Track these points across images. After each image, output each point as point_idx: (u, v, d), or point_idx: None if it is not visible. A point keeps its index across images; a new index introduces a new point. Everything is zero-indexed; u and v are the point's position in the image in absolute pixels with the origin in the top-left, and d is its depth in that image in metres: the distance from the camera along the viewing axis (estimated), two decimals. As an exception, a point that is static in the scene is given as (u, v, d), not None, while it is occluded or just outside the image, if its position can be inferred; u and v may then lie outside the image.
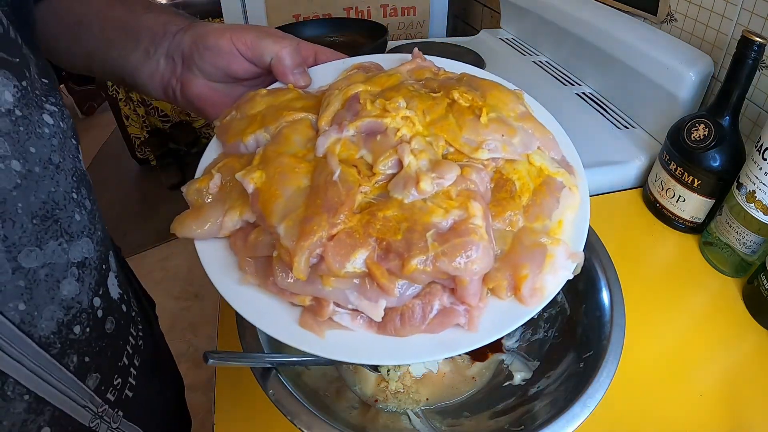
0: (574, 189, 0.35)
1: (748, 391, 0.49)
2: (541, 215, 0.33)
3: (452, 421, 0.45)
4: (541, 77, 0.99)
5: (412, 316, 0.29)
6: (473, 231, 0.29)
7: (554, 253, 0.31)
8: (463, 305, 0.30)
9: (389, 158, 0.32)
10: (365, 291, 0.29)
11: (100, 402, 0.35)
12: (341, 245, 0.28)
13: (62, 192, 0.31)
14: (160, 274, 1.90)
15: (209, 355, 0.34)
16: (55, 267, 0.30)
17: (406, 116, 0.34)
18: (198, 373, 1.48)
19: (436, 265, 0.28)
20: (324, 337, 0.30)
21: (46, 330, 0.30)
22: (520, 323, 0.30)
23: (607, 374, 0.38)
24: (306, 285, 0.29)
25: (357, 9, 1.27)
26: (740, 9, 0.66)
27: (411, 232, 0.29)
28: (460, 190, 0.31)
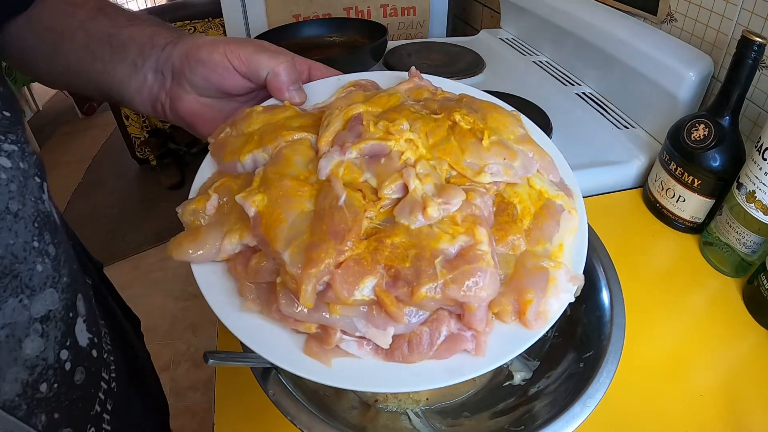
0: (573, 212, 0.35)
1: (748, 391, 0.49)
2: (543, 238, 0.33)
3: (452, 421, 0.45)
4: (541, 77, 0.99)
5: (420, 343, 0.29)
6: (481, 257, 0.29)
7: (556, 277, 0.32)
8: (470, 331, 0.30)
9: (394, 182, 0.31)
10: (373, 318, 0.29)
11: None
12: (350, 272, 0.28)
13: (21, 243, 0.28)
14: (160, 274, 1.90)
15: (209, 355, 0.34)
16: (16, 326, 0.28)
17: (410, 139, 0.33)
18: (198, 373, 1.48)
19: (446, 293, 0.28)
20: (331, 365, 0.29)
21: (10, 393, 0.28)
22: (526, 347, 0.31)
23: (607, 374, 0.38)
24: (312, 313, 0.29)
25: (357, 9, 1.27)
26: (740, 9, 0.66)
27: (419, 259, 0.28)
28: (466, 215, 0.31)
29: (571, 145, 0.77)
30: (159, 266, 1.94)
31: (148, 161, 2.42)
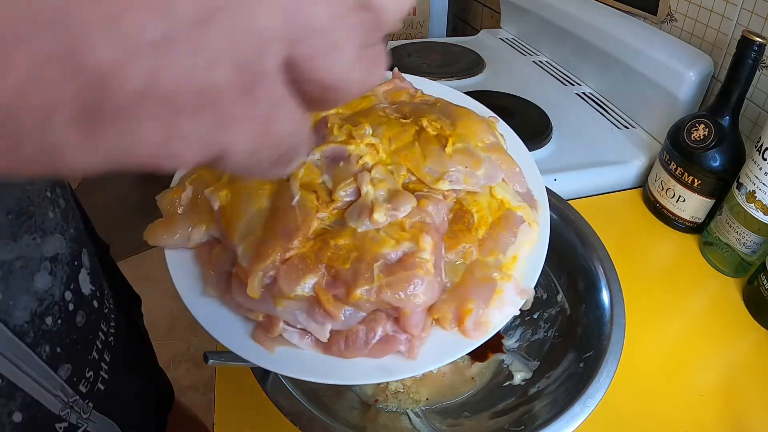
0: (533, 224, 0.35)
1: (748, 391, 0.49)
2: (496, 249, 0.33)
3: (452, 421, 0.45)
4: (541, 77, 0.99)
5: (355, 340, 0.30)
6: (419, 265, 0.30)
7: (503, 289, 0.32)
8: (405, 334, 0.31)
9: (348, 186, 0.32)
10: (313, 313, 0.30)
11: (71, 392, 0.37)
12: (293, 270, 0.30)
13: (36, 190, 0.32)
14: (161, 274, 1.88)
15: (209, 355, 0.34)
16: (29, 260, 0.31)
17: (371, 143, 0.34)
18: (198, 373, 1.48)
19: (380, 296, 0.29)
20: (273, 352, 0.31)
21: (20, 319, 0.31)
22: (461, 355, 0.31)
23: (607, 374, 0.38)
24: (260, 303, 0.30)
25: (357, 9, 1.27)
26: (740, 9, 0.66)
27: (359, 262, 0.30)
28: (415, 222, 0.32)
29: (571, 145, 0.77)
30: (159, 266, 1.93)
31: (148, 161, 2.42)
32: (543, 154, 0.75)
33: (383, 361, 0.31)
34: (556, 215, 0.51)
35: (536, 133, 0.75)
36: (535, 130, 0.76)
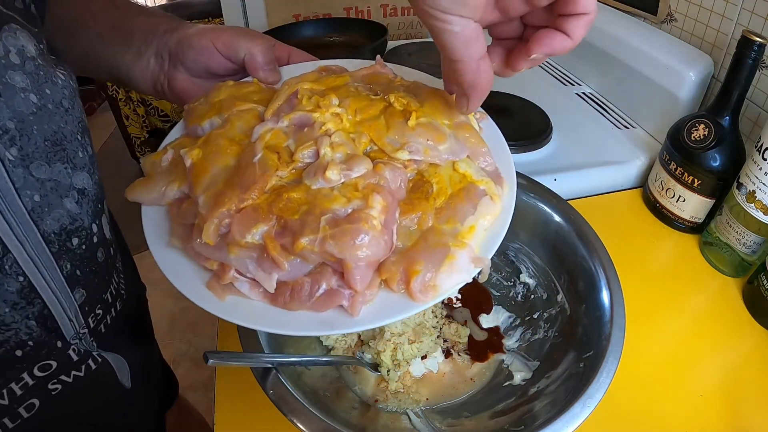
0: (495, 198, 0.35)
1: (748, 391, 0.49)
2: (453, 218, 0.34)
3: (452, 421, 0.45)
4: (541, 77, 0.99)
5: (300, 292, 0.31)
6: (365, 219, 0.31)
7: (456, 255, 0.32)
8: (349, 290, 0.31)
9: (308, 148, 0.34)
10: (262, 263, 0.32)
11: (83, 323, 0.39)
12: (246, 218, 0.32)
13: (70, 130, 0.35)
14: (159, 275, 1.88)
15: (209, 355, 0.34)
16: (60, 185, 0.34)
17: (336, 113, 0.36)
18: (198, 373, 1.48)
19: (323, 247, 0.30)
20: (224, 300, 0.32)
21: (50, 227, 0.34)
22: (405, 316, 0.31)
23: (607, 374, 0.38)
24: (214, 250, 0.32)
25: (357, 9, 1.27)
26: (740, 9, 0.66)
27: (308, 215, 0.31)
28: (368, 184, 0.33)
29: (571, 145, 0.77)
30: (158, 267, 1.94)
31: (148, 161, 2.42)
32: (543, 154, 0.75)
33: (325, 315, 0.32)
34: (557, 215, 0.51)
35: (536, 133, 0.75)
36: (535, 130, 0.76)
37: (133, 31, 0.46)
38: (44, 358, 0.36)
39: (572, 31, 0.31)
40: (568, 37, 0.31)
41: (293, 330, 0.31)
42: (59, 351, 0.37)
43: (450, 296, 0.56)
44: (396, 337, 0.49)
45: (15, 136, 0.31)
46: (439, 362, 0.51)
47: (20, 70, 0.31)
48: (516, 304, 0.55)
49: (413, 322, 0.51)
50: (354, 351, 0.51)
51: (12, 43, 0.31)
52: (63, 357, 0.37)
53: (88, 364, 0.40)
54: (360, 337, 0.52)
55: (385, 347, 0.48)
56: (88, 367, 0.40)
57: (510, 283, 0.56)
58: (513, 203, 0.36)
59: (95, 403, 0.44)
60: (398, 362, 0.48)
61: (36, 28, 0.34)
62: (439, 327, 0.53)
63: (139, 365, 0.49)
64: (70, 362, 0.38)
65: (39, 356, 0.35)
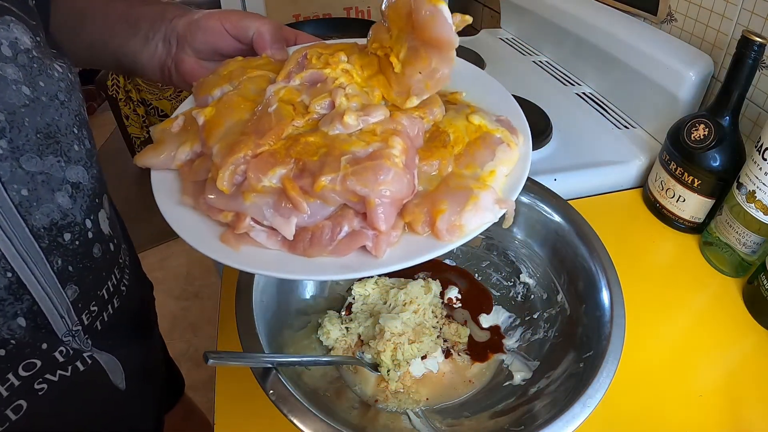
0: (512, 145, 0.35)
1: (748, 391, 0.49)
2: (473, 164, 0.34)
3: (452, 421, 0.45)
4: (541, 77, 0.99)
5: (321, 236, 0.30)
6: (387, 157, 0.30)
7: (479, 196, 0.31)
8: (373, 231, 0.30)
9: (324, 99, 0.34)
10: (279, 208, 0.30)
11: (76, 320, 0.38)
12: (263, 162, 0.31)
13: (65, 123, 0.35)
14: (160, 274, 1.90)
15: (209, 355, 0.34)
16: (52, 178, 0.34)
17: (346, 69, 0.36)
18: (198, 373, 1.48)
19: (345, 184, 0.29)
20: (239, 251, 0.31)
21: (39, 222, 0.33)
22: (431, 256, 0.30)
23: (607, 374, 0.38)
24: (229, 200, 0.31)
25: (357, 9, 1.27)
26: (740, 9, 0.66)
27: (327, 156, 0.30)
28: (387, 129, 0.32)
29: (571, 145, 0.77)
30: (159, 266, 1.94)
31: (148, 161, 2.42)
32: (543, 154, 0.75)
33: (347, 259, 0.30)
34: (557, 215, 0.51)
35: (536, 133, 0.75)
36: (535, 130, 0.76)
37: (140, 18, 0.47)
38: (28, 357, 0.35)
39: None
40: None
41: (315, 274, 0.30)
42: (43, 351, 0.36)
43: (452, 296, 0.56)
44: (396, 337, 0.49)
45: (5, 128, 0.31)
46: (439, 362, 0.51)
47: (12, 63, 0.31)
48: (516, 304, 0.55)
49: (413, 322, 0.51)
50: (354, 351, 0.51)
51: (4, 35, 0.31)
52: (47, 356, 0.37)
53: (76, 365, 0.39)
54: (360, 337, 0.52)
55: (385, 347, 0.48)
56: (76, 369, 0.39)
57: (510, 283, 0.56)
58: (530, 151, 0.36)
59: (87, 405, 0.43)
60: (398, 362, 0.48)
61: (33, 21, 0.34)
62: (439, 327, 0.53)
63: (138, 365, 0.49)
64: (55, 362, 0.38)
65: (23, 355, 0.35)
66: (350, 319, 0.53)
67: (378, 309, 0.53)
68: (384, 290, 0.55)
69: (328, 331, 0.50)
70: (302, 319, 0.51)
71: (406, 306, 0.52)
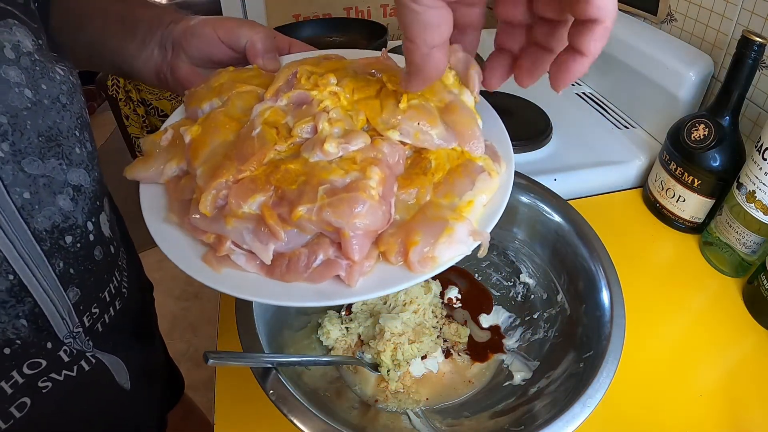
0: (494, 173, 0.35)
1: (748, 391, 0.49)
2: (451, 193, 0.34)
3: (452, 421, 0.45)
4: (540, 77, 0.99)
5: (296, 263, 0.31)
6: (363, 189, 0.31)
7: (454, 228, 0.32)
8: (347, 260, 0.31)
9: (307, 123, 0.35)
10: (258, 234, 0.31)
11: (77, 322, 0.38)
12: (243, 188, 0.32)
13: (66, 126, 0.35)
14: (160, 274, 1.89)
15: (209, 355, 0.34)
16: (53, 181, 0.34)
17: (334, 92, 0.36)
18: (198, 373, 1.48)
19: (321, 215, 0.30)
20: (220, 272, 0.32)
21: (41, 225, 0.34)
22: (402, 287, 0.31)
23: (607, 374, 0.38)
24: (211, 222, 0.32)
25: (357, 9, 1.27)
26: (740, 9, 0.66)
27: (306, 185, 0.31)
28: (366, 157, 0.33)
29: (571, 145, 0.77)
30: (159, 266, 1.94)
31: (148, 161, 2.42)
32: (543, 154, 0.75)
33: (322, 286, 0.31)
34: (557, 215, 0.51)
35: (536, 133, 0.75)
36: (535, 130, 0.76)
37: (138, 22, 0.47)
38: (33, 356, 0.36)
39: (585, 46, 0.30)
40: (582, 54, 0.30)
41: (290, 300, 0.31)
42: (48, 350, 0.37)
43: (452, 296, 0.56)
44: (396, 337, 0.49)
45: (7, 131, 0.31)
46: (439, 362, 0.51)
47: (15, 65, 0.31)
48: (516, 304, 0.55)
49: (413, 322, 0.51)
50: (354, 351, 0.51)
51: (7, 38, 0.31)
52: (52, 356, 0.37)
53: (81, 365, 0.40)
54: (360, 337, 0.52)
55: (385, 347, 0.48)
56: (81, 368, 0.40)
57: (510, 283, 0.56)
58: (511, 180, 0.36)
59: (92, 404, 0.43)
60: (398, 362, 0.48)
61: (35, 24, 0.35)
62: (439, 327, 0.53)
63: (140, 366, 0.49)
64: (60, 361, 0.38)
65: (28, 354, 0.35)
66: (350, 319, 0.53)
67: (378, 309, 0.53)
68: (384, 290, 0.55)
69: (328, 331, 0.50)
70: (302, 319, 0.51)
71: (406, 306, 0.52)
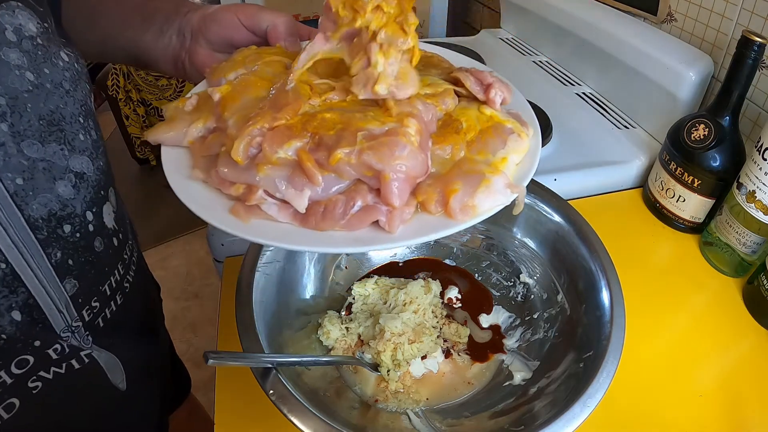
0: (523, 135, 0.35)
1: (748, 391, 0.49)
2: (484, 150, 0.34)
3: (452, 421, 0.45)
4: (541, 77, 0.99)
5: (333, 210, 0.30)
6: (403, 134, 0.30)
7: (491, 180, 0.32)
8: (386, 206, 0.30)
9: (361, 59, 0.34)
10: (293, 180, 0.30)
11: (76, 316, 0.38)
12: (279, 134, 0.31)
13: (70, 112, 0.35)
14: (160, 274, 1.90)
15: (209, 355, 0.34)
16: (54, 166, 0.34)
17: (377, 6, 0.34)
18: (198, 373, 1.48)
19: (361, 158, 0.29)
20: (248, 222, 0.31)
21: (36, 212, 0.33)
22: (443, 234, 0.31)
23: (607, 374, 0.38)
24: (242, 172, 0.31)
25: (357, 9, 1.27)
26: (740, 9, 0.66)
27: (344, 131, 0.31)
28: (402, 111, 0.32)
29: (571, 145, 0.77)
30: (159, 266, 1.94)
31: (148, 161, 2.42)
32: (543, 154, 0.75)
33: (359, 233, 0.30)
34: (557, 215, 0.51)
35: (536, 133, 0.75)
36: (535, 130, 0.76)
37: (155, 12, 0.48)
38: (20, 353, 0.34)
39: None
40: None
41: (327, 246, 0.30)
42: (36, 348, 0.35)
43: (452, 296, 0.56)
44: (396, 337, 0.49)
45: (6, 112, 0.31)
46: (439, 362, 0.51)
47: (16, 48, 0.31)
48: (516, 304, 0.55)
49: (413, 322, 0.51)
50: (354, 351, 0.51)
51: (9, 21, 0.31)
52: (40, 353, 0.36)
53: (71, 363, 0.38)
54: (360, 337, 0.52)
55: (385, 347, 0.48)
56: (71, 366, 0.39)
57: (510, 283, 0.56)
58: (539, 144, 0.37)
59: (84, 404, 0.42)
60: (398, 362, 0.48)
61: (41, 8, 0.35)
62: (439, 327, 0.53)
63: (141, 366, 0.48)
64: (49, 359, 0.37)
65: (14, 351, 0.34)
66: (350, 319, 0.53)
67: (378, 309, 0.53)
68: (384, 290, 0.55)
69: (328, 331, 0.50)
70: (302, 319, 0.51)
71: (406, 306, 0.52)
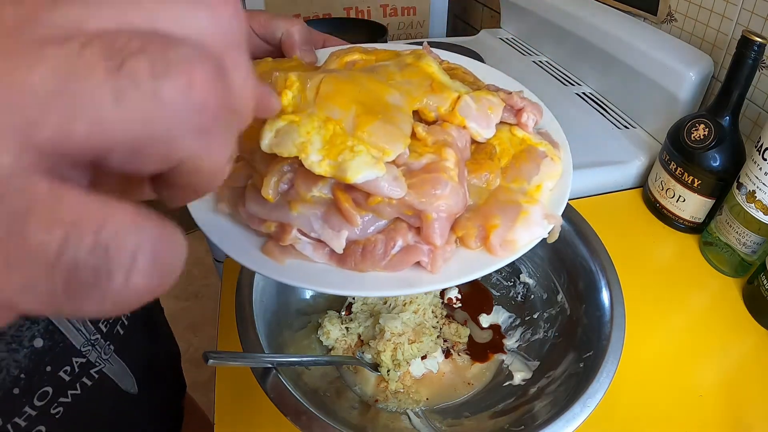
0: (556, 159, 0.35)
1: (748, 391, 0.49)
2: (519, 177, 0.33)
3: (452, 421, 0.45)
4: (541, 77, 0.99)
5: (373, 250, 0.29)
6: (443, 170, 0.29)
7: (529, 211, 0.31)
8: (428, 245, 0.29)
9: None
10: (329, 219, 0.29)
11: (93, 330, 0.38)
12: None
13: None
14: (160, 274, 1.89)
15: (209, 355, 0.34)
16: None
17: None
18: (198, 373, 1.48)
19: (402, 198, 0.28)
20: (284, 263, 0.29)
21: None
22: (487, 271, 0.30)
23: (607, 374, 0.38)
24: (273, 208, 0.29)
25: (357, 9, 1.27)
26: (740, 9, 0.66)
27: None
28: (438, 139, 0.31)
29: (571, 145, 0.76)
30: (159, 266, 1.94)
31: (148, 161, 2.42)
32: (543, 154, 0.75)
33: (402, 274, 0.29)
34: (556, 215, 0.51)
35: (536, 133, 0.75)
36: (535, 130, 0.76)
37: None
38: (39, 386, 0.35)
39: None
40: None
41: (370, 290, 0.29)
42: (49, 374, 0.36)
43: (452, 296, 0.56)
44: (396, 337, 0.49)
45: None
46: (439, 362, 0.51)
47: None
48: (516, 304, 0.55)
49: (413, 322, 0.51)
50: (354, 351, 0.51)
51: None
52: (55, 380, 0.37)
53: (83, 381, 0.39)
54: (360, 337, 0.52)
55: (385, 347, 0.48)
56: (84, 385, 0.40)
57: (510, 283, 0.56)
58: (571, 166, 0.36)
59: (102, 414, 0.43)
60: (398, 362, 0.48)
61: None
62: (439, 327, 0.53)
63: (148, 367, 0.49)
64: (63, 383, 0.38)
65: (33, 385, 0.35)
66: (350, 319, 0.53)
67: (378, 309, 0.53)
68: (384, 290, 0.55)
69: (328, 331, 0.50)
70: (302, 319, 0.51)
71: (406, 306, 0.52)
